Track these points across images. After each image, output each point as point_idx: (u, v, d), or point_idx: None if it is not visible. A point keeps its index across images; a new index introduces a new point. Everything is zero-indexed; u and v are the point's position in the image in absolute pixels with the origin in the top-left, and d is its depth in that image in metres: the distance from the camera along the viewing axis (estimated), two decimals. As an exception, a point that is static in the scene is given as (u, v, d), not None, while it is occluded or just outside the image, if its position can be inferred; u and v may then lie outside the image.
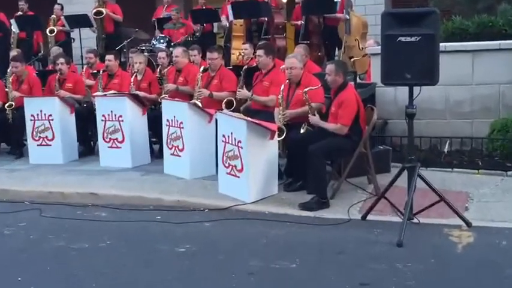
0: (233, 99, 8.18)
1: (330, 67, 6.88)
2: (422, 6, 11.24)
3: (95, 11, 12.34)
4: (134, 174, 8.08)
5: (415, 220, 5.98)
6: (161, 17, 12.98)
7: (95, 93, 9.05)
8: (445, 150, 8.28)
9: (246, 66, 8.38)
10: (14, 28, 12.67)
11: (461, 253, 5.36)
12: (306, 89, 6.97)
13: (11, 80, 9.49)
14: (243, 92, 8.11)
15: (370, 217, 6.20)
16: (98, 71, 9.59)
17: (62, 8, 13.43)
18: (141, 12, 14.32)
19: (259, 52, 7.99)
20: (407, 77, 5.68)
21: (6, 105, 9.34)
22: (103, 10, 12.26)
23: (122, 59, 12.53)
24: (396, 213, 6.15)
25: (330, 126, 6.82)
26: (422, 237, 5.70)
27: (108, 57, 9.47)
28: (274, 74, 7.93)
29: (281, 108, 7.27)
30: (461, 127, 8.60)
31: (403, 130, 7.84)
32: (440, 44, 6.19)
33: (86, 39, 12.79)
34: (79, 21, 12.41)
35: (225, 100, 8.15)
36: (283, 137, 7.04)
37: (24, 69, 9.71)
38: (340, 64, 7.09)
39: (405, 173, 5.91)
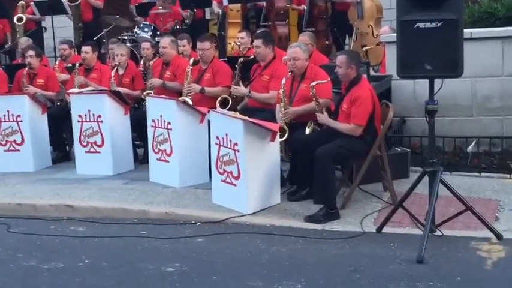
0: (228, 96, 8.18)
1: (340, 58, 6.89)
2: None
3: None
4: (116, 182, 8.09)
5: (437, 232, 5.97)
6: (143, 2, 12.97)
7: (70, 90, 9.04)
8: (470, 150, 8.27)
9: (241, 59, 8.38)
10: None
11: (491, 270, 5.34)
12: (313, 83, 6.98)
13: (-28, 75, 9.52)
14: (239, 89, 8.11)
15: (386, 229, 6.20)
16: (73, 65, 9.60)
17: (32, -7, 13.41)
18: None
19: (257, 42, 8.00)
20: (428, 68, 5.69)
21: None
22: None
23: (102, 51, 12.56)
24: (416, 225, 6.15)
25: (341, 126, 6.81)
26: (446, 252, 5.69)
27: (84, 48, 9.49)
28: (275, 67, 7.95)
29: (282, 104, 7.28)
30: (490, 125, 8.62)
31: (423, 129, 7.86)
32: (465, 30, 6.21)
33: (60, 28, 12.79)
34: (51, 7, 12.38)
35: (219, 98, 8.15)
36: (285, 137, 7.05)
37: (-12, 64, 9.74)
38: (352, 55, 7.09)
39: (426, 179, 5.90)
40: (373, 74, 8.97)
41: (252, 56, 8.29)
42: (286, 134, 7.09)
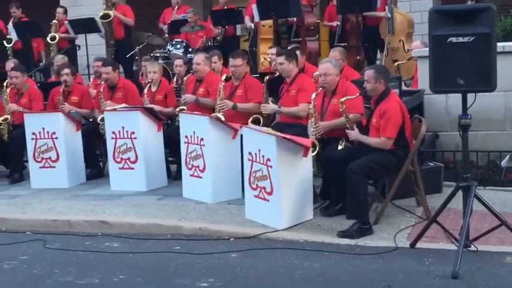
0: (259, 116, 8.20)
1: (368, 73, 6.91)
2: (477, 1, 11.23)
3: (101, 14, 12.48)
4: (149, 198, 8.15)
5: (472, 247, 5.93)
6: (173, 19, 13.08)
7: (107, 108, 9.02)
8: (504, 165, 8.21)
9: (267, 77, 8.34)
10: (13, 35, 12.86)
11: (527, 285, 5.30)
12: (342, 99, 6.99)
13: (8, 92, 9.65)
14: (269, 107, 8.11)
15: (420, 244, 6.17)
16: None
17: (66, 12, 13.59)
18: (154, 15, 14.51)
19: (280, 59, 8.03)
20: (460, 82, 5.68)
21: (1, 118, 9.51)
22: (110, 13, 12.39)
23: (134, 67, 12.69)
24: (450, 240, 6.12)
25: (372, 140, 6.82)
26: (481, 267, 5.65)
27: (105, 69, 9.43)
28: (301, 80, 7.98)
29: (313, 119, 7.29)
30: (525, 139, 8.54)
31: (456, 144, 7.82)
32: (498, 44, 6.18)
33: (93, 46, 12.94)
34: (85, 26, 12.55)
35: (251, 118, 8.17)
36: (315, 152, 7.06)
37: (25, 81, 9.89)
38: (380, 69, 7.12)
39: (460, 194, 5.87)
40: (405, 89, 8.95)
41: (278, 73, 8.27)
42: (317, 149, 7.11)
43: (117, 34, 12.64)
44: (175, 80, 9.85)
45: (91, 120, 9.72)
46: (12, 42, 12.91)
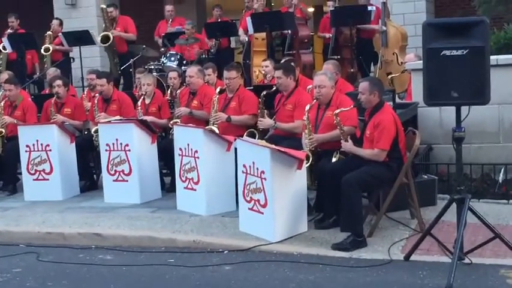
0: (255, 130, 8.21)
1: (363, 85, 6.93)
2: (471, 13, 11.26)
3: (100, 37, 12.49)
4: (143, 211, 8.12)
5: (466, 260, 5.94)
6: (167, 32, 13.11)
7: (102, 120, 9.02)
8: (500, 178, 8.22)
9: (264, 92, 8.36)
10: (7, 47, 12.85)
11: (521, 298, 5.31)
12: (336, 111, 7.00)
13: (2, 105, 9.63)
14: (265, 121, 8.11)
15: (414, 257, 6.17)
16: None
17: (61, 24, 13.57)
18: (148, 27, 14.52)
19: (278, 73, 8.04)
20: (454, 95, 5.70)
21: (-5, 132, 9.51)
22: (109, 35, 12.41)
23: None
24: (444, 253, 6.12)
25: (365, 152, 6.83)
26: (476, 280, 5.66)
27: (99, 81, 9.44)
28: (298, 96, 7.98)
29: (307, 131, 7.31)
30: (518, 152, 8.56)
31: (450, 156, 7.82)
32: (491, 57, 6.20)
33: (88, 58, 12.93)
34: (79, 38, 12.54)
35: (246, 132, 8.17)
36: (309, 164, 7.07)
37: (18, 94, 9.87)
38: (374, 81, 7.16)
39: (454, 206, 5.88)
40: (399, 102, 8.98)
41: (275, 88, 8.28)
42: (311, 160, 7.12)
43: (120, 49, 12.74)
44: (169, 92, 9.85)
45: (85, 132, 9.72)
46: (6, 52, 12.90)
